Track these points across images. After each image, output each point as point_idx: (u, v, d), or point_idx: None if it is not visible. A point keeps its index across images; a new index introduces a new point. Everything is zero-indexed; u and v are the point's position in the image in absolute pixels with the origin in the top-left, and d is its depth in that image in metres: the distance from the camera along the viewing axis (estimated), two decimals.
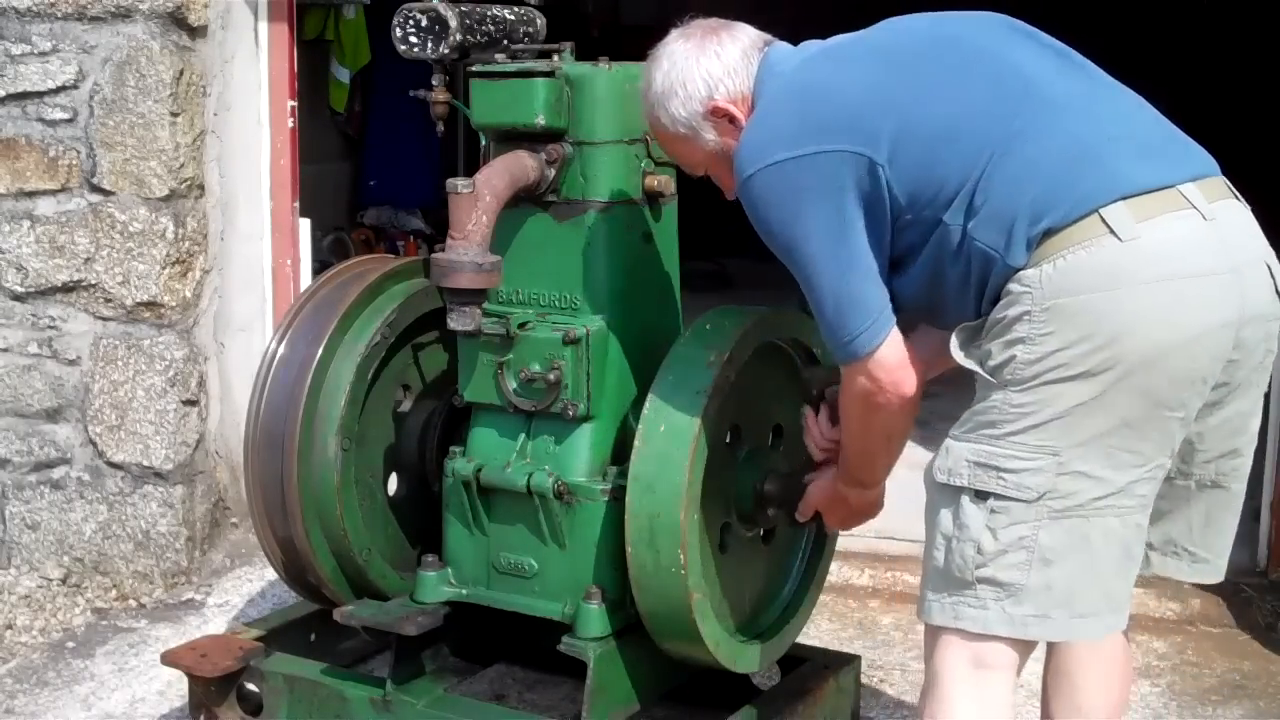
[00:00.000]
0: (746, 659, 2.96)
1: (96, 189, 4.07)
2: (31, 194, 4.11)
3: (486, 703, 3.16)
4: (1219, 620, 3.92)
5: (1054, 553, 2.25)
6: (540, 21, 2.96)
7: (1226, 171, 2.35)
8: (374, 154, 7.39)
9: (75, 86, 4.04)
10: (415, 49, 2.87)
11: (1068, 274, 2.20)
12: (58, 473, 4.21)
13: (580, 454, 2.89)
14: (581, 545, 2.87)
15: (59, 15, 4.02)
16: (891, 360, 2.36)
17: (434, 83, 2.92)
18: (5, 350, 4.18)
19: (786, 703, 3.02)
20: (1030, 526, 2.24)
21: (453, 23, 2.82)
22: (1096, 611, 2.31)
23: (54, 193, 4.10)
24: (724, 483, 2.84)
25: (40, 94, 4.07)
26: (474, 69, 2.90)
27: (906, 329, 2.39)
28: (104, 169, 4.06)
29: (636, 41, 2.89)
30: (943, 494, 2.31)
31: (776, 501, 2.90)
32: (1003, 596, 2.27)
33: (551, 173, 2.87)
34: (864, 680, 3.37)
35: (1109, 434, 2.23)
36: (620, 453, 2.88)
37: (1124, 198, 2.21)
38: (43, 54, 4.04)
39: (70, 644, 3.83)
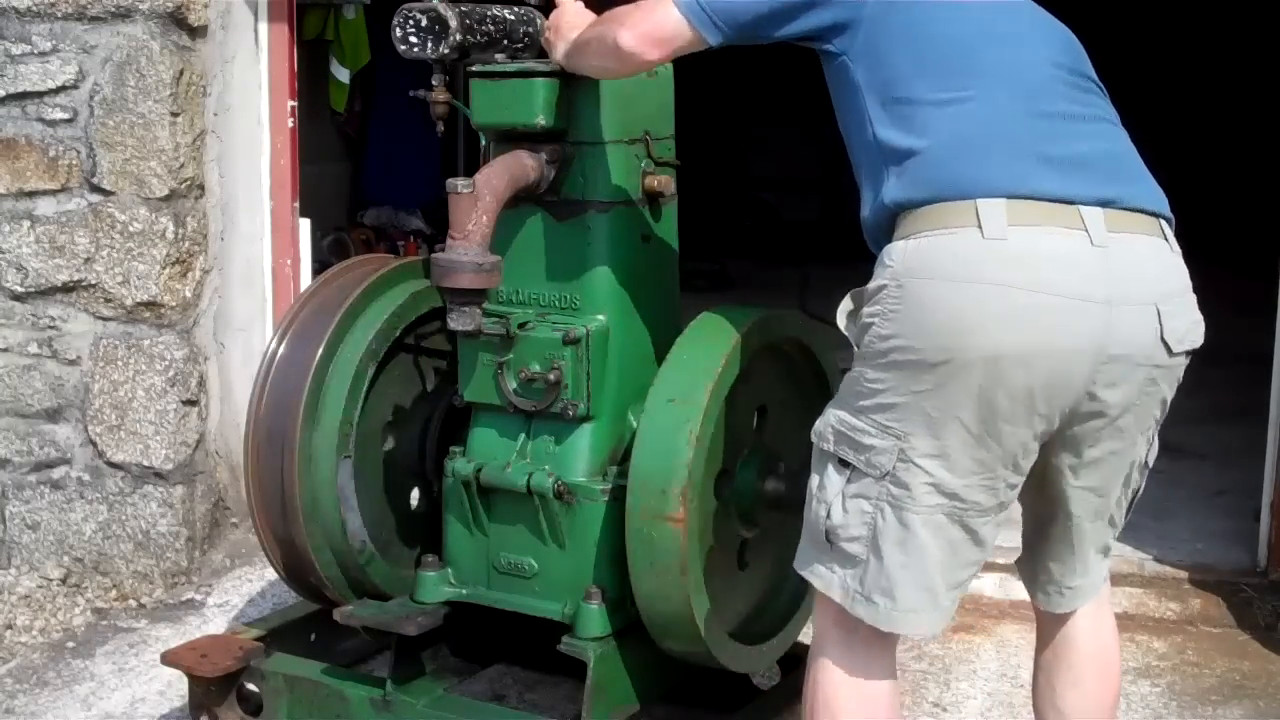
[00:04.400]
0: (747, 659, 2.96)
1: (96, 189, 4.07)
2: (31, 194, 4.11)
3: (486, 703, 3.17)
4: (1219, 620, 3.92)
5: (886, 538, 2.27)
6: (540, 21, 2.96)
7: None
8: (374, 154, 7.39)
9: (75, 86, 4.04)
10: (415, 49, 2.87)
11: (925, 255, 2.19)
12: (58, 473, 4.21)
13: (580, 454, 2.89)
14: (581, 545, 2.87)
15: (59, 15, 4.02)
16: (654, 35, 2.48)
17: (434, 83, 2.92)
18: (5, 350, 4.18)
19: (786, 703, 3.02)
20: (873, 504, 2.27)
21: (453, 23, 2.82)
22: (917, 608, 2.30)
23: (54, 193, 4.10)
24: (724, 482, 2.84)
25: (40, 94, 4.07)
26: (474, 69, 2.90)
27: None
28: (104, 169, 4.06)
29: None
30: (819, 455, 2.37)
31: (778, 501, 2.90)
32: (846, 567, 2.31)
33: (551, 173, 2.88)
34: None
35: (947, 433, 2.20)
36: (620, 453, 2.88)
37: (1011, 197, 2.18)
38: (43, 54, 4.04)
39: (70, 644, 3.83)
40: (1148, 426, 2.35)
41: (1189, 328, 2.29)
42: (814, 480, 2.37)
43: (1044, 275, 2.16)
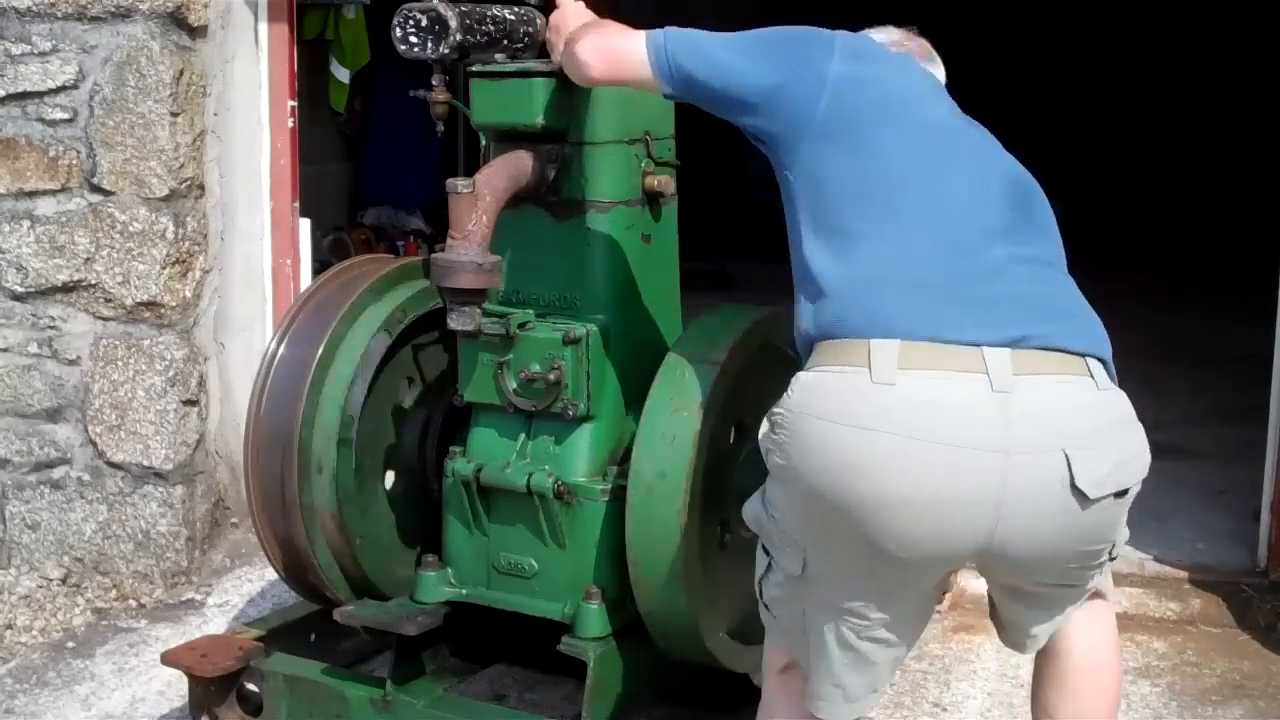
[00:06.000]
0: (747, 659, 2.95)
1: (96, 189, 4.07)
2: (31, 194, 4.11)
3: (486, 703, 3.17)
4: (1219, 620, 3.92)
5: (808, 625, 2.33)
6: (540, 21, 2.96)
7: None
8: (374, 154, 7.39)
9: (75, 86, 4.04)
10: (415, 49, 2.87)
11: (814, 392, 2.18)
12: (58, 473, 4.21)
13: (580, 454, 2.89)
14: (581, 545, 2.87)
15: (59, 15, 4.02)
16: (614, 59, 2.55)
17: (434, 83, 2.92)
18: (5, 350, 4.18)
19: None
20: (790, 597, 2.34)
21: (453, 23, 2.82)
22: (829, 698, 2.34)
23: (54, 193, 4.10)
24: (725, 482, 2.84)
25: (40, 94, 4.07)
26: (474, 69, 2.90)
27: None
28: (104, 169, 4.06)
29: None
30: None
31: None
32: (781, 631, 2.42)
33: (551, 173, 2.88)
34: None
35: (839, 563, 2.22)
36: (620, 453, 2.88)
37: (906, 339, 2.13)
38: (43, 54, 4.04)
39: (70, 644, 3.83)
40: (1084, 549, 2.23)
41: (1112, 469, 2.16)
42: (757, 549, 2.44)
43: (931, 422, 2.09)
